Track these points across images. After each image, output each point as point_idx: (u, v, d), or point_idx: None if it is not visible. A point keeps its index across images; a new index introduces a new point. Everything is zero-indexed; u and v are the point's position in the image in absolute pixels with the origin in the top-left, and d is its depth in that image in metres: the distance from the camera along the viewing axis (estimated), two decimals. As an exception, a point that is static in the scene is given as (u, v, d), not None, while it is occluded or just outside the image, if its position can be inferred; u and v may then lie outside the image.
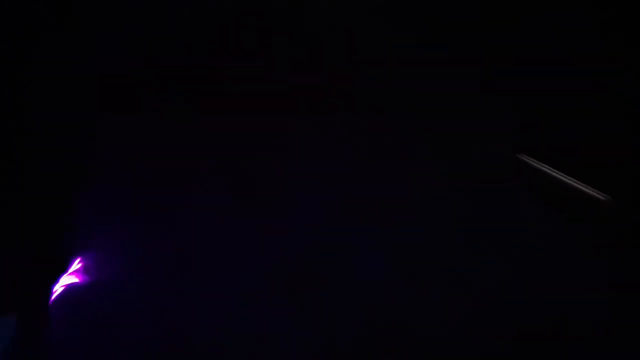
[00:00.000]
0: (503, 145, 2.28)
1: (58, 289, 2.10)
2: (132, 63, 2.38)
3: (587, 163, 2.17)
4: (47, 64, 2.30)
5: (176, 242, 2.17)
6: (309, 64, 2.39)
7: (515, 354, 1.89)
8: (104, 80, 2.35)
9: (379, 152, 2.32)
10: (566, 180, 2.19)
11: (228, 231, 2.18)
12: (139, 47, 2.37)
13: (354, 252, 2.12)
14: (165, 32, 2.37)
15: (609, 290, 1.98)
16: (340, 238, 2.14)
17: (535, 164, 2.25)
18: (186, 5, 2.36)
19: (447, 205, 2.20)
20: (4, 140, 2.25)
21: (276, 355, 1.94)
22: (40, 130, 2.30)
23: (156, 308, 2.04)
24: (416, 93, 2.37)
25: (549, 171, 2.22)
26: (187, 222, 2.21)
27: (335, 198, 2.23)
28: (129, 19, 2.35)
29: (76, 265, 2.16)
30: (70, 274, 2.13)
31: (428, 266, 2.08)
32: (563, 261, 2.06)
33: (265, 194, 2.25)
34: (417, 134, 2.34)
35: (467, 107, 2.34)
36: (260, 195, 2.25)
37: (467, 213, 2.18)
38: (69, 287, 2.10)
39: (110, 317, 2.02)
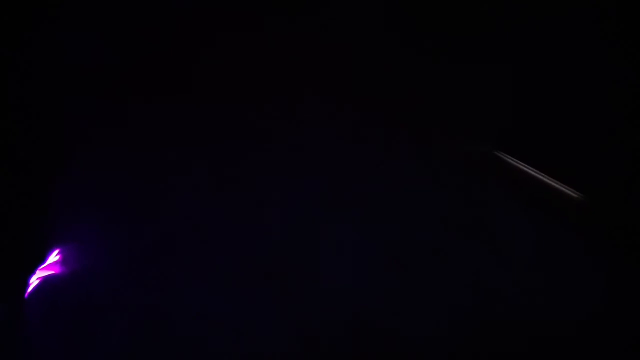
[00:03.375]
0: (481, 142, 2.30)
1: (35, 280, 2.10)
2: (114, 58, 2.36)
3: (562, 162, 2.20)
4: (30, 57, 2.30)
5: (155, 233, 2.18)
6: (295, 58, 2.38)
7: (495, 351, 1.92)
8: (86, 73, 2.34)
9: (362, 148, 2.33)
10: (541, 178, 2.22)
11: (209, 223, 2.19)
12: (122, 42, 2.36)
13: (334, 246, 2.14)
14: (150, 27, 2.35)
15: (583, 283, 2.00)
16: (323, 232, 2.16)
17: (512, 162, 2.27)
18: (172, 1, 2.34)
19: (426, 202, 2.20)
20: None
21: (257, 344, 1.96)
22: (18, 121, 2.27)
23: (134, 299, 2.06)
24: (398, 91, 2.38)
25: (525, 169, 2.25)
26: (166, 213, 2.22)
27: (319, 192, 2.24)
28: (115, 14, 2.33)
29: (54, 256, 2.15)
30: (48, 265, 2.13)
31: (408, 261, 2.10)
32: (538, 256, 2.07)
33: (248, 187, 2.26)
34: (399, 131, 2.35)
35: (447, 105, 2.36)
36: (243, 187, 2.26)
37: (445, 209, 2.19)
38: (46, 279, 2.10)
39: (87, 307, 2.04)
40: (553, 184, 2.18)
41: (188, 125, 2.31)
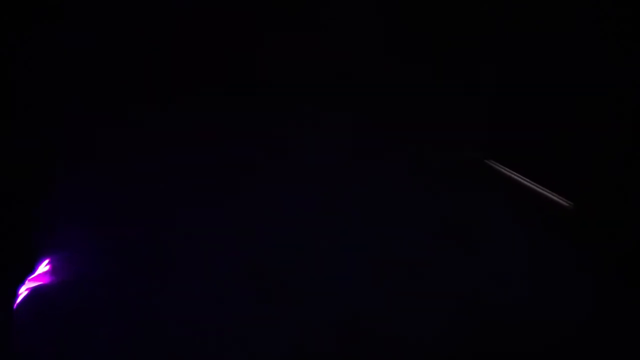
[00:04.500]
0: (473, 150, 2.35)
1: (24, 290, 2.03)
2: (113, 58, 2.33)
3: (553, 171, 2.26)
4: (26, 59, 2.24)
5: (150, 240, 2.14)
6: (294, 60, 2.39)
7: (490, 352, 1.94)
8: (84, 73, 2.30)
9: (356, 155, 2.36)
10: (532, 186, 2.27)
11: (203, 229, 2.17)
12: (122, 43, 2.33)
13: (329, 251, 2.14)
14: (150, 27, 2.33)
15: (574, 290, 2.05)
16: (319, 237, 2.16)
17: (502, 170, 2.32)
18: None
19: (421, 208, 2.25)
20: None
21: (253, 348, 1.93)
22: (9, 128, 2.22)
23: (127, 307, 2.00)
24: (393, 100, 2.42)
25: (516, 177, 2.30)
26: (161, 219, 2.19)
27: (312, 199, 2.26)
28: (115, 14, 2.30)
29: (44, 266, 2.09)
30: (38, 275, 2.07)
31: (400, 267, 2.12)
32: (530, 263, 2.13)
33: (245, 192, 2.26)
34: (392, 139, 2.38)
35: (439, 114, 2.41)
36: (240, 193, 2.26)
37: (439, 216, 2.24)
38: (36, 289, 2.04)
39: (78, 317, 1.98)
40: (544, 192, 2.23)
41: (186, 129, 2.30)
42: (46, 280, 2.07)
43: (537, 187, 2.26)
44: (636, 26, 2.14)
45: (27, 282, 2.05)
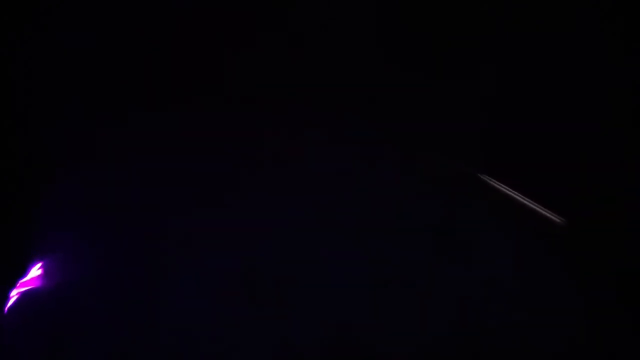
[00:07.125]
0: (465, 165, 2.34)
1: (14, 294, 1.98)
2: (110, 59, 2.33)
3: (546, 187, 2.25)
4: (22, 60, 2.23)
5: (143, 245, 2.11)
6: (293, 63, 2.41)
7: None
8: (79, 77, 2.30)
9: (348, 166, 2.34)
10: (524, 201, 2.27)
11: (199, 234, 2.14)
12: (121, 43, 2.33)
13: (318, 260, 2.11)
14: (150, 27, 2.34)
15: (562, 305, 2.05)
16: (306, 245, 2.14)
17: (495, 184, 2.32)
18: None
19: (412, 221, 2.22)
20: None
21: (243, 357, 1.91)
22: (9, 128, 2.19)
23: (119, 312, 1.97)
24: (386, 111, 2.43)
25: (508, 192, 2.29)
26: (155, 223, 2.16)
27: (308, 205, 2.23)
28: (115, 15, 2.31)
29: (36, 270, 2.04)
30: (29, 279, 2.01)
31: (391, 278, 2.10)
32: (519, 278, 2.11)
33: (232, 199, 2.23)
34: (384, 150, 2.38)
35: (433, 128, 2.40)
36: (227, 199, 2.23)
37: (431, 229, 2.21)
38: (27, 293, 1.98)
39: (69, 323, 1.95)
40: (536, 208, 2.24)
41: (186, 130, 2.29)
42: (38, 283, 2.02)
43: (530, 203, 2.25)
44: (636, 26, 2.17)
45: (18, 285, 1.99)
